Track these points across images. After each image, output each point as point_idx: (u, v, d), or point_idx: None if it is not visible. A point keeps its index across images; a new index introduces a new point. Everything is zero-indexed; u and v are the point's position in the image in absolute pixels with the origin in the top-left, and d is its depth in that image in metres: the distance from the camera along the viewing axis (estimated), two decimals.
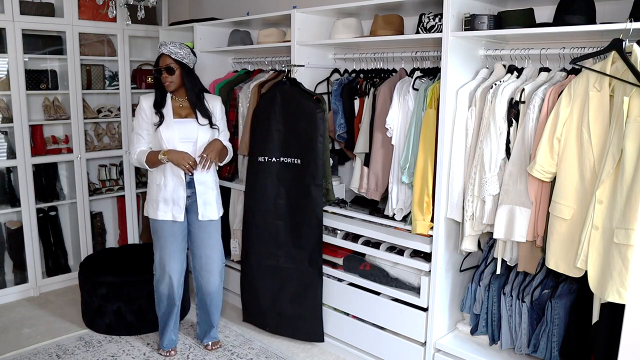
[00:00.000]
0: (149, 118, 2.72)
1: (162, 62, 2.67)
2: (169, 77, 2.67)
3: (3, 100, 3.61)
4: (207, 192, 2.77)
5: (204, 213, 2.77)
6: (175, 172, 2.69)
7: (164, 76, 2.66)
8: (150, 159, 2.68)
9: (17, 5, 3.43)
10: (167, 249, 2.77)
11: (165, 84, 2.68)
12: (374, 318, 2.75)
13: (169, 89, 2.70)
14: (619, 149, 1.81)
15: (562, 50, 2.22)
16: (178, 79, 2.69)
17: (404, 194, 2.58)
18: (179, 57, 2.66)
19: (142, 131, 2.74)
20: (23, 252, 3.65)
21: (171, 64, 2.66)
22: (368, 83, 2.86)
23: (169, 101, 2.75)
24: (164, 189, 2.71)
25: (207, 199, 2.77)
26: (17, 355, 2.91)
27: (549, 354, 2.28)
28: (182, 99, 2.77)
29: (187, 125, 2.71)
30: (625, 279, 1.80)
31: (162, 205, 2.72)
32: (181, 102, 2.77)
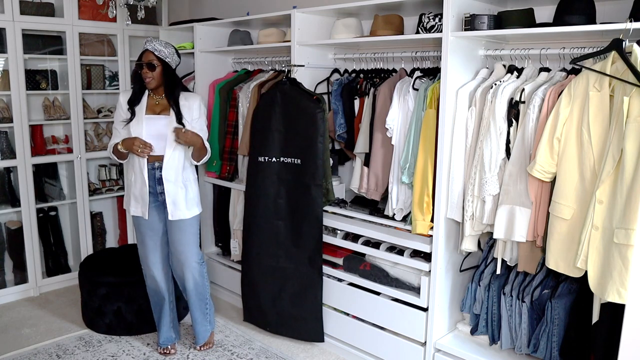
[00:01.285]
0: (125, 112, 2.74)
1: (145, 57, 2.67)
2: (150, 73, 2.67)
3: (3, 100, 3.61)
4: (177, 191, 2.73)
5: (173, 212, 2.74)
6: (138, 169, 2.70)
7: (145, 71, 2.67)
8: (115, 151, 2.73)
9: (17, 5, 3.43)
10: (146, 244, 2.82)
11: (146, 80, 2.68)
12: (374, 318, 2.75)
13: (149, 85, 2.70)
14: (619, 149, 1.81)
15: (562, 50, 2.22)
16: (158, 76, 2.69)
17: (404, 194, 2.58)
18: (162, 55, 2.67)
19: (119, 125, 2.75)
20: (23, 252, 3.65)
21: (153, 61, 2.66)
22: (368, 83, 2.86)
23: (145, 98, 2.75)
24: (134, 185, 2.75)
25: (176, 198, 2.73)
26: (17, 355, 2.91)
27: (549, 354, 2.28)
28: (159, 96, 2.77)
29: (158, 121, 2.70)
30: (625, 279, 1.80)
31: (133, 201, 2.76)
32: (158, 100, 2.76)
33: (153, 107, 2.75)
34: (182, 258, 2.82)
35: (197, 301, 2.89)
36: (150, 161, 2.70)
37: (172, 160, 2.70)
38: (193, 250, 2.83)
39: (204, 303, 2.92)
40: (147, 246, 2.82)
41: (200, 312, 2.92)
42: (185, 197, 2.76)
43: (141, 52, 2.69)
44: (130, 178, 2.78)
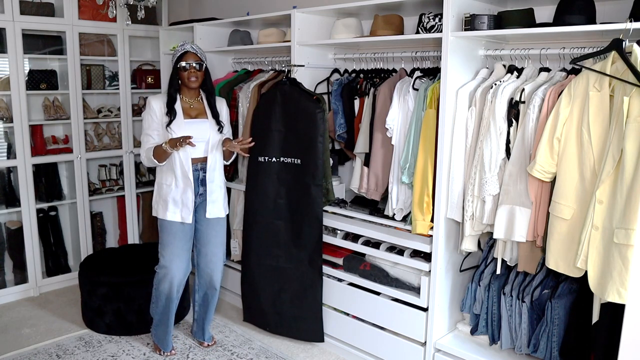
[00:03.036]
0: (158, 119, 2.71)
1: (189, 58, 2.68)
2: (197, 73, 2.69)
3: (3, 100, 3.61)
4: (216, 191, 2.80)
5: (212, 211, 2.79)
6: (181, 173, 2.70)
7: (193, 72, 2.68)
8: (156, 152, 2.68)
9: (17, 5, 3.43)
10: (174, 249, 2.77)
11: (191, 79, 2.69)
12: (374, 318, 2.75)
13: (194, 85, 2.71)
14: (619, 149, 1.81)
15: (562, 50, 2.22)
16: (202, 77, 2.74)
17: (404, 194, 2.58)
18: (203, 57, 2.73)
19: (152, 132, 2.72)
20: (23, 252, 3.65)
21: (198, 61, 2.70)
22: (368, 83, 2.86)
23: (178, 100, 2.76)
24: (175, 189, 2.72)
25: (215, 197, 2.80)
26: (17, 355, 2.91)
27: (549, 354, 2.28)
28: (192, 99, 2.79)
29: (199, 125, 2.73)
30: (625, 279, 1.80)
31: (171, 205, 2.72)
32: (191, 103, 2.78)
33: (188, 111, 2.76)
34: (214, 259, 2.87)
35: (215, 301, 2.97)
36: (192, 163, 2.72)
37: (215, 162, 2.77)
38: (224, 250, 2.92)
39: (216, 302, 3.00)
40: (176, 251, 2.77)
41: (213, 312, 3.01)
42: (223, 196, 2.87)
43: (180, 55, 2.69)
44: (168, 183, 2.74)
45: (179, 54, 2.70)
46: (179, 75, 2.72)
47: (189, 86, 2.72)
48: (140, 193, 4.29)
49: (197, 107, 2.79)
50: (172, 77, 2.74)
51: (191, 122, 2.73)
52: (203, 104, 2.82)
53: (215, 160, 2.78)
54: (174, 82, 2.74)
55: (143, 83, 4.19)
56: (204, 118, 2.77)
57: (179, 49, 2.71)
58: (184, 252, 2.80)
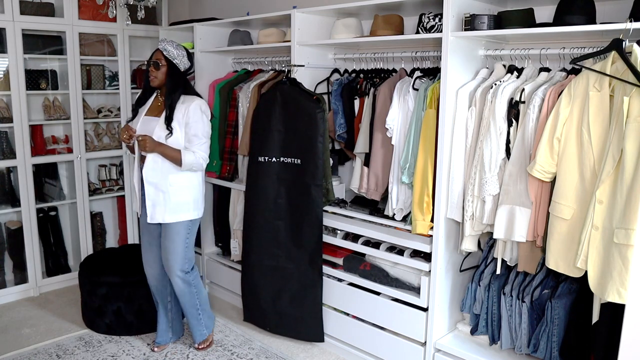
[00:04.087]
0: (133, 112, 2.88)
1: (154, 56, 2.72)
2: (154, 72, 2.70)
3: (3, 100, 3.61)
4: (156, 194, 2.69)
5: (152, 215, 2.70)
6: (134, 165, 2.77)
7: (150, 69, 2.71)
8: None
9: (17, 5, 3.43)
10: (142, 242, 2.87)
11: (150, 78, 2.72)
12: (374, 318, 2.75)
13: (152, 83, 2.73)
14: (619, 149, 1.81)
15: (562, 50, 2.22)
16: (162, 75, 2.71)
17: (404, 194, 2.58)
18: (170, 56, 2.68)
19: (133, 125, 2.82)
20: (23, 252, 3.65)
21: (160, 60, 2.69)
22: (368, 83, 2.86)
23: (151, 99, 2.81)
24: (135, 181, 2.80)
25: (155, 201, 2.69)
26: (17, 355, 2.91)
27: (549, 354, 2.28)
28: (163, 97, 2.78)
29: (148, 124, 2.72)
30: (625, 279, 1.80)
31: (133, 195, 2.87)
32: (161, 101, 2.79)
33: (154, 109, 2.78)
34: (166, 264, 2.79)
35: (188, 308, 2.86)
36: (142, 161, 2.72)
37: (153, 163, 2.66)
38: (176, 259, 2.74)
39: (195, 310, 2.86)
40: (143, 244, 2.88)
41: (192, 317, 2.89)
42: (164, 200, 2.68)
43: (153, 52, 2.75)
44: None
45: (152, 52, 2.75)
46: None
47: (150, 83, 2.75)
48: None
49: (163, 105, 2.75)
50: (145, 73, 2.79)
51: (145, 120, 2.74)
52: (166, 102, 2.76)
53: (155, 161, 2.65)
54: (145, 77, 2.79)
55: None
56: (156, 116, 2.74)
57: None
58: (150, 247, 2.83)
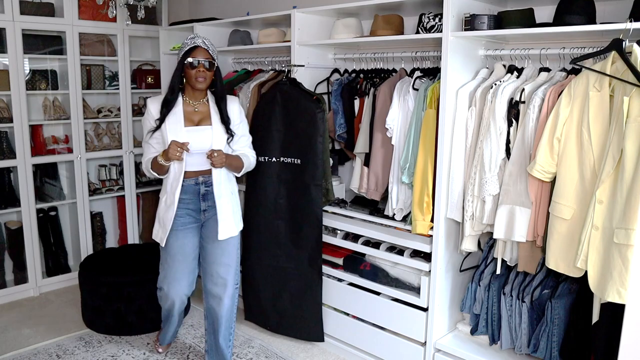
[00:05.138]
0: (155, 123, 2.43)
1: (199, 54, 2.35)
2: (206, 73, 2.37)
3: (3, 100, 3.61)
4: (226, 208, 2.47)
5: (223, 231, 2.47)
6: (173, 190, 2.41)
7: (201, 70, 2.35)
8: (154, 165, 2.39)
9: (17, 5, 3.43)
10: (174, 270, 2.50)
11: (199, 79, 2.36)
12: (374, 318, 2.75)
13: (201, 85, 2.39)
14: (619, 149, 1.81)
15: (562, 50, 2.21)
16: (211, 77, 2.42)
17: (404, 194, 2.58)
18: (214, 55, 2.41)
19: (153, 140, 2.44)
20: (23, 252, 3.65)
21: (209, 59, 2.38)
22: (368, 83, 2.86)
23: (180, 103, 2.43)
24: (163, 206, 2.48)
25: (226, 215, 2.47)
26: (17, 355, 2.91)
27: (549, 354, 2.28)
28: (197, 102, 2.47)
29: (200, 134, 2.40)
30: (625, 279, 1.80)
31: (156, 223, 2.51)
32: (196, 106, 2.45)
33: (191, 117, 2.44)
34: (221, 282, 2.54)
35: (226, 328, 2.61)
36: (192, 177, 2.44)
37: (221, 174, 2.45)
38: (233, 273, 2.58)
39: (230, 329, 2.64)
40: (175, 273, 2.50)
41: (224, 339, 2.62)
42: (233, 212, 2.52)
43: (188, 50, 2.36)
44: (162, 197, 2.50)
45: (187, 48, 2.36)
46: (185, 73, 2.40)
47: (194, 86, 2.40)
48: (140, 193, 4.29)
49: (202, 111, 2.46)
50: (176, 75, 2.41)
51: (191, 130, 2.40)
52: (209, 108, 2.48)
53: (220, 174, 2.45)
54: (177, 80, 2.41)
55: (143, 83, 4.19)
56: (207, 125, 2.44)
57: (188, 42, 2.38)
58: (184, 273, 2.53)
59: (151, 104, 2.44)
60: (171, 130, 2.37)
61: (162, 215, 2.47)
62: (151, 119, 2.42)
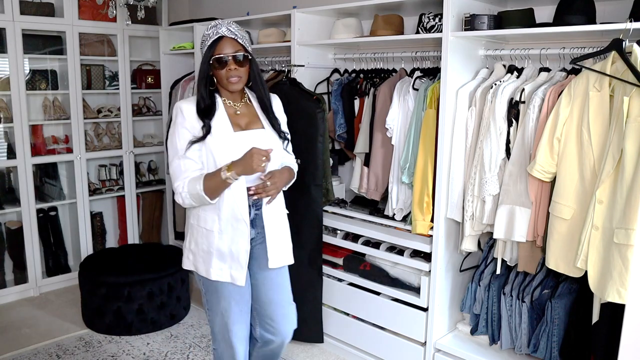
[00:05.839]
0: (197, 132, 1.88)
1: (227, 47, 1.85)
2: (240, 70, 1.88)
3: (3, 100, 3.61)
4: (281, 231, 2.04)
5: (275, 258, 2.00)
6: (236, 214, 1.90)
7: (232, 68, 1.86)
8: (210, 185, 1.82)
9: (17, 5, 3.43)
10: (232, 314, 1.98)
11: (232, 79, 1.88)
12: (374, 318, 2.75)
13: (236, 86, 1.91)
14: (619, 149, 1.81)
15: (562, 50, 2.21)
16: (246, 73, 1.92)
17: (404, 194, 2.58)
18: (246, 44, 1.89)
19: (193, 153, 1.87)
20: (23, 252, 3.65)
21: (240, 51, 1.86)
22: (368, 83, 2.86)
23: (221, 107, 1.94)
24: (218, 236, 1.91)
25: (280, 240, 2.03)
26: (17, 355, 2.91)
27: (549, 354, 2.28)
28: (238, 103, 1.98)
29: (255, 139, 1.92)
30: (625, 279, 1.80)
31: (216, 260, 1.92)
32: (238, 108, 1.97)
33: (236, 120, 1.95)
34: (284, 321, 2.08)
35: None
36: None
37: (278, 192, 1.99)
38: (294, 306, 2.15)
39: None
40: (232, 316, 1.98)
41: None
42: (287, 234, 2.10)
43: (211, 43, 1.86)
44: (209, 226, 1.93)
45: (209, 42, 1.86)
46: (213, 73, 1.91)
47: (227, 88, 1.92)
48: (140, 193, 4.29)
49: (246, 112, 1.99)
50: (202, 76, 1.90)
51: (243, 135, 1.91)
52: (254, 108, 2.02)
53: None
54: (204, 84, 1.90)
55: (143, 83, 4.19)
56: (258, 127, 1.97)
57: (210, 33, 1.87)
58: (245, 314, 2.02)
59: (186, 108, 1.89)
60: (218, 137, 1.87)
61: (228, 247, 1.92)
62: (189, 127, 1.87)
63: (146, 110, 4.35)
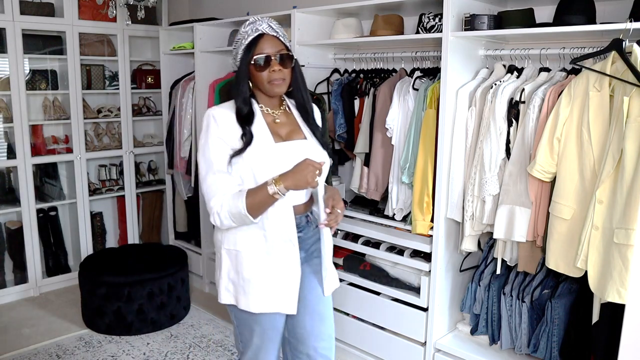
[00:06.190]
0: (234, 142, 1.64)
1: (269, 45, 1.65)
2: (284, 72, 1.67)
3: (3, 100, 3.61)
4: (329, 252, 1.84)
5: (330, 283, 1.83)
6: (283, 234, 1.68)
7: (276, 70, 1.65)
8: (254, 202, 1.57)
9: (17, 5, 3.43)
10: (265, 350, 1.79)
11: (276, 82, 1.66)
12: (374, 318, 2.75)
13: (280, 90, 1.69)
14: (619, 149, 1.81)
15: (562, 50, 2.21)
16: (290, 75, 1.71)
17: (404, 194, 2.58)
18: (287, 41, 1.73)
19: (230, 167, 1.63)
20: (23, 252, 3.65)
21: (283, 51, 1.68)
22: (368, 83, 2.85)
23: (259, 114, 1.71)
24: (265, 260, 1.68)
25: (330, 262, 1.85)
26: (17, 355, 2.91)
27: (549, 354, 2.28)
28: (277, 110, 1.76)
29: (298, 150, 1.69)
30: (625, 279, 1.80)
31: (262, 288, 1.68)
32: (277, 116, 1.75)
33: (276, 129, 1.72)
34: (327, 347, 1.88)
35: None
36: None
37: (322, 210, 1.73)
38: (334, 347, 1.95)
39: None
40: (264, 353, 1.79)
41: None
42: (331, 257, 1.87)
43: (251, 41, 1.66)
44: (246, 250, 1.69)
45: (249, 40, 1.66)
46: (253, 76, 1.68)
47: (269, 92, 1.69)
48: (140, 193, 4.29)
49: (286, 120, 1.76)
50: (242, 79, 1.67)
51: (285, 147, 1.69)
52: (293, 116, 1.80)
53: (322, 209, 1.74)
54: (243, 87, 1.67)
55: (143, 83, 4.19)
56: (300, 138, 1.74)
57: (248, 31, 1.68)
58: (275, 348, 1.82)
59: (222, 115, 1.66)
60: (258, 149, 1.64)
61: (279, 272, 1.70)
62: (225, 137, 1.64)
63: (146, 110, 4.35)
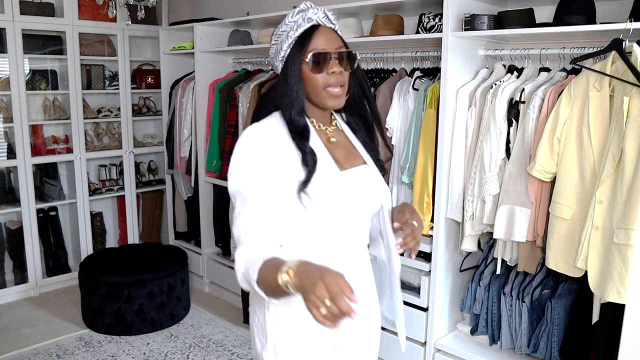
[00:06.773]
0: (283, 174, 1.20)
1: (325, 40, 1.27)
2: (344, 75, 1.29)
3: (3, 100, 3.61)
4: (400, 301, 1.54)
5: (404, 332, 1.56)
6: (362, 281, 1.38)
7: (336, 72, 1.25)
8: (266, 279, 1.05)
9: (17, 5, 3.43)
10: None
11: (334, 91, 1.25)
12: None
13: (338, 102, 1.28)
14: (619, 149, 1.81)
15: (562, 50, 2.21)
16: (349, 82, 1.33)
17: (404, 194, 2.58)
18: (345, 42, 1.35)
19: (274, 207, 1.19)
20: (23, 252, 3.65)
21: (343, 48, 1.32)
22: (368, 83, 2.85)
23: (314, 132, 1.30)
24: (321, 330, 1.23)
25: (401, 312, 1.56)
26: (17, 355, 2.91)
27: (548, 353, 2.28)
28: (329, 127, 1.36)
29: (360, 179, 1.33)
30: (625, 279, 1.80)
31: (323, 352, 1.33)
32: (332, 134, 1.35)
33: (335, 153, 1.31)
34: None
35: None
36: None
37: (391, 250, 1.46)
38: None
39: None
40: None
41: None
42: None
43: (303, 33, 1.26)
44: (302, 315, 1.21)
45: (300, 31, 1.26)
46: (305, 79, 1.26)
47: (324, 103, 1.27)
48: (140, 193, 4.29)
49: (341, 140, 1.37)
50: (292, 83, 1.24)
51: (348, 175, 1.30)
52: (345, 134, 1.40)
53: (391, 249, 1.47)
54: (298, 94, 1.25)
55: (143, 83, 4.19)
56: (359, 164, 1.36)
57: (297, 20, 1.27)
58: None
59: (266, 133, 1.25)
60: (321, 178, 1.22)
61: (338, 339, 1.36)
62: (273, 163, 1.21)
63: (146, 110, 4.35)
